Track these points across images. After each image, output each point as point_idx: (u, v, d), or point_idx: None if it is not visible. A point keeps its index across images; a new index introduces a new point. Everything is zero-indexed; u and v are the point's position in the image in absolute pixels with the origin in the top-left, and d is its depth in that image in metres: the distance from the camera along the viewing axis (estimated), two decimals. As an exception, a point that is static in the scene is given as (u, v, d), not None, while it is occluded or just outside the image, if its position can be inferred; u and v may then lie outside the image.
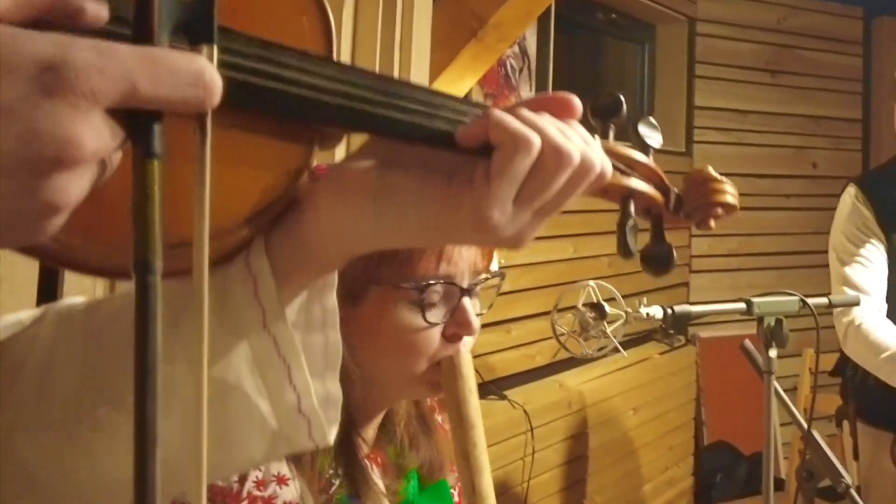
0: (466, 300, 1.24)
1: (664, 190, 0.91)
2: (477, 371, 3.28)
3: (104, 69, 0.50)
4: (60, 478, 0.75)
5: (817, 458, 2.24)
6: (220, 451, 0.71)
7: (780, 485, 4.31)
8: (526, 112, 0.71)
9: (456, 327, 1.24)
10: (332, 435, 0.80)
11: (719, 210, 0.96)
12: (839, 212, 3.18)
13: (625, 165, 0.85)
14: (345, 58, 2.28)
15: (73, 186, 0.52)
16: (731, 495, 4.53)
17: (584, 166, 0.72)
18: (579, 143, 0.72)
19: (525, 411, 3.44)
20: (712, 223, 0.97)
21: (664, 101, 5.15)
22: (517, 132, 0.69)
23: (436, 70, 2.72)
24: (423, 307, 1.20)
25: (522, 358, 3.68)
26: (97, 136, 0.51)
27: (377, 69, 2.31)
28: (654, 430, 4.50)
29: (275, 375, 0.75)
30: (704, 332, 5.10)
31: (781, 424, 4.99)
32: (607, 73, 5.13)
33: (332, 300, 0.79)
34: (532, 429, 3.46)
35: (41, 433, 0.74)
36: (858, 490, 2.78)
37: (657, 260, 0.91)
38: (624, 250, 0.86)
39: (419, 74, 2.52)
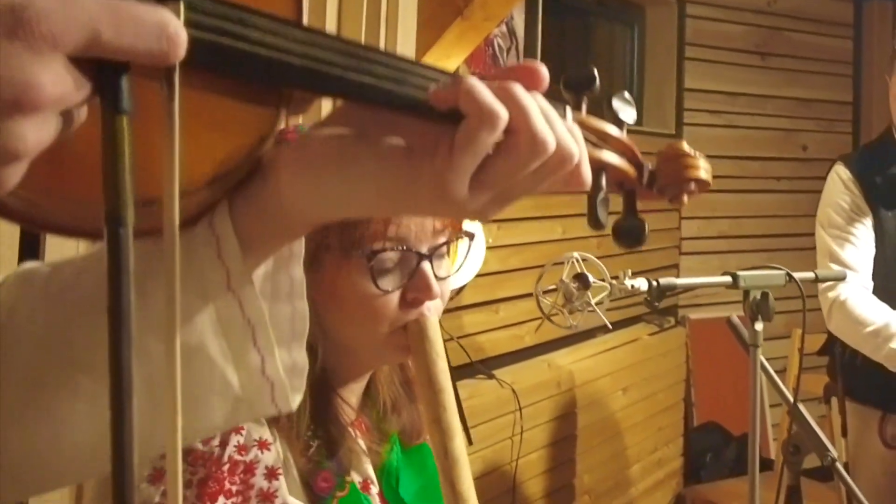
0: (426, 264, 1.23)
1: (637, 164, 0.90)
2: (465, 350, 3.30)
3: (66, 14, 0.50)
4: (21, 442, 0.73)
5: (803, 432, 2.23)
6: (182, 415, 0.69)
7: (768, 465, 4.31)
8: (509, 86, 0.68)
9: (416, 292, 1.23)
10: (295, 401, 0.79)
11: (692, 185, 0.95)
12: (826, 189, 3.17)
13: (597, 138, 0.84)
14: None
15: (31, 133, 0.51)
16: (720, 475, 4.53)
17: (560, 156, 0.69)
18: (561, 130, 0.69)
19: (513, 391, 3.43)
20: (685, 199, 0.96)
21: (653, 83, 5.13)
22: (486, 104, 0.66)
23: (422, 48, 2.71)
24: (373, 274, 1.19)
25: (511, 338, 3.66)
26: (58, 83, 0.50)
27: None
28: (643, 410, 4.50)
29: (239, 338, 0.74)
30: (694, 314, 5.09)
31: (771, 406, 5.00)
32: (596, 55, 5.10)
33: (299, 270, 0.78)
34: (520, 408, 3.45)
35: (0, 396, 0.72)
36: (847, 466, 2.78)
37: (628, 234, 0.91)
38: (594, 222, 0.84)
39: (405, 52, 2.50)
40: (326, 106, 1.38)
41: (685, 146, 0.95)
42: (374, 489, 1.31)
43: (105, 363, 0.69)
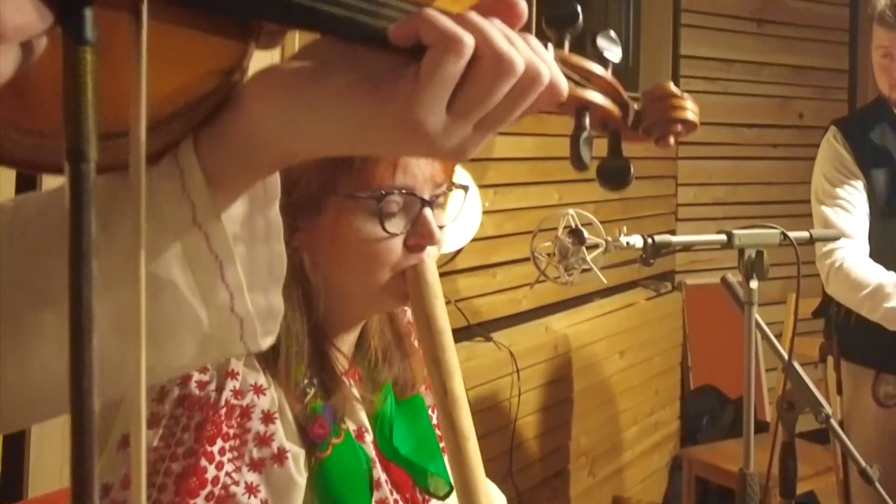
0: (427, 211, 1.23)
1: (622, 104, 0.89)
2: (462, 313, 3.29)
3: None
4: None
5: (798, 388, 2.23)
6: (151, 351, 0.65)
7: (764, 427, 4.33)
8: (468, 14, 0.66)
9: (418, 238, 1.23)
10: (265, 342, 0.78)
11: (679, 127, 0.94)
12: (820, 154, 3.17)
13: (580, 77, 0.82)
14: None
15: None
16: (717, 438, 4.54)
17: (529, 76, 0.68)
18: (525, 51, 0.68)
19: (511, 353, 3.43)
20: (671, 140, 0.95)
21: (650, 50, 5.10)
22: (447, 31, 0.64)
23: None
24: (381, 217, 1.20)
25: (508, 302, 3.66)
26: (19, 13, 0.49)
27: None
28: (640, 373, 4.52)
29: (206, 273, 0.72)
30: (690, 280, 5.10)
31: (767, 370, 5.01)
32: (593, 21, 5.07)
33: (276, 213, 0.77)
34: (518, 370, 3.45)
35: None
36: (841, 424, 2.79)
37: (613, 175, 0.89)
38: (577, 162, 0.83)
39: None
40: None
41: (672, 86, 0.94)
42: (369, 437, 1.32)
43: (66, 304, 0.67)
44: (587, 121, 0.83)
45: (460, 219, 2.66)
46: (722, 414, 4.79)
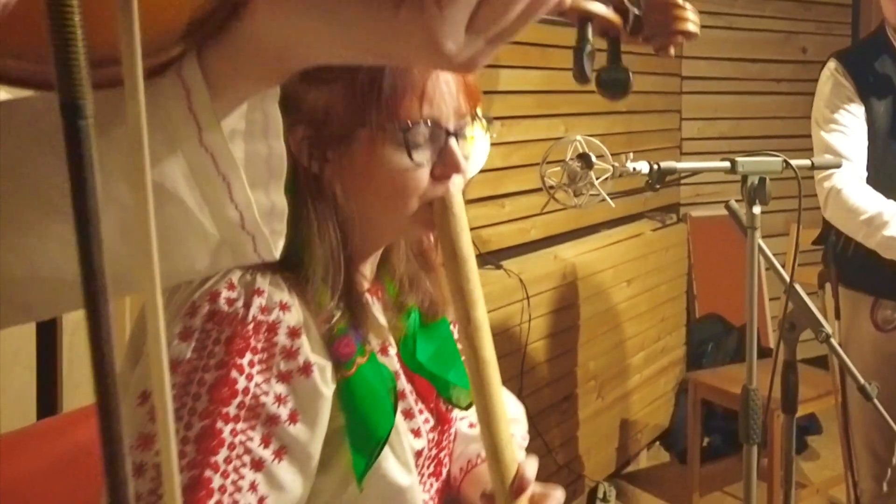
0: (453, 141, 1.24)
1: (623, 11, 0.88)
2: (473, 242, 3.30)
3: None
4: None
5: (799, 309, 2.25)
6: (160, 259, 0.63)
7: (767, 353, 4.36)
8: None
9: (444, 168, 1.24)
10: (278, 249, 0.78)
11: (679, 38, 0.94)
12: (820, 85, 3.17)
13: None
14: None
15: None
16: (721, 363, 4.57)
17: None
18: None
19: (521, 280, 3.45)
20: (671, 50, 0.95)
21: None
22: None
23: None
24: (408, 147, 1.20)
25: (517, 232, 3.67)
26: None
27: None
28: (647, 301, 4.54)
29: (214, 192, 0.71)
30: (695, 212, 5.10)
31: (770, 299, 5.04)
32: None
33: (275, 108, 0.75)
34: (528, 297, 3.47)
35: None
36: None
37: (613, 84, 0.90)
38: (580, 75, 0.83)
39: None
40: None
41: None
42: (393, 351, 1.34)
43: (67, 207, 0.67)
44: (589, 32, 0.83)
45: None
46: (726, 340, 4.82)
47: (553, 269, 3.80)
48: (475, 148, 2.44)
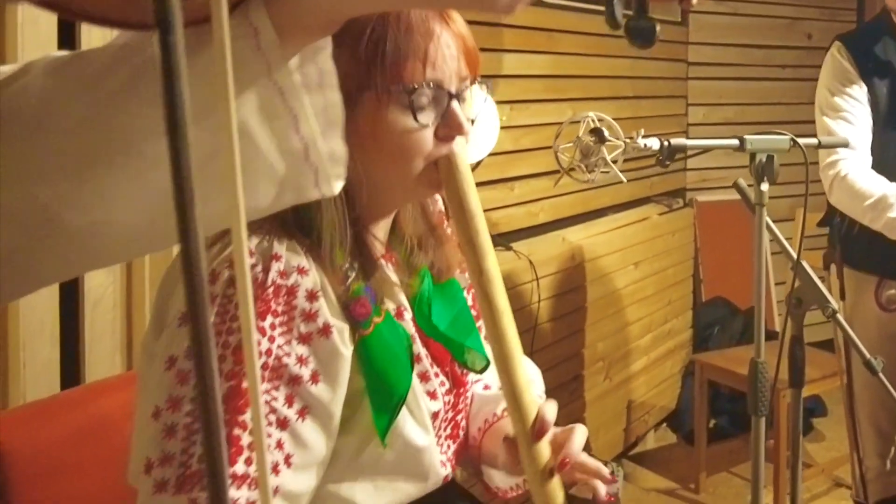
0: (455, 103, 1.26)
1: None
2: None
3: None
4: (80, 219, 0.75)
5: (806, 285, 2.27)
6: (229, 197, 0.71)
7: (773, 336, 4.38)
8: None
9: (447, 128, 1.26)
10: (336, 186, 0.82)
11: None
12: (824, 69, 3.18)
13: None
14: None
15: None
16: (727, 346, 4.60)
17: None
18: None
19: (530, 261, 3.47)
20: (695, 0, 0.98)
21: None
22: None
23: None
24: (413, 109, 1.23)
25: (525, 214, 3.69)
26: None
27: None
28: (654, 284, 4.56)
29: (281, 125, 0.76)
30: (701, 197, 5.12)
31: (776, 284, 5.06)
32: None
33: (328, 61, 0.79)
34: (538, 278, 3.49)
35: (57, 178, 0.74)
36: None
37: (640, 32, 0.93)
38: (611, 21, 0.86)
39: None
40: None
41: None
42: (408, 315, 1.36)
43: (149, 149, 0.71)
44: None
45: (479, 131, 2.68)
46: (732, 323, 4.84)
47: (561, 250, 3.82)
48: (484, 122, 2.46)
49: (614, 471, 3.95)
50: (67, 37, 1.87)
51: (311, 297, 1.21)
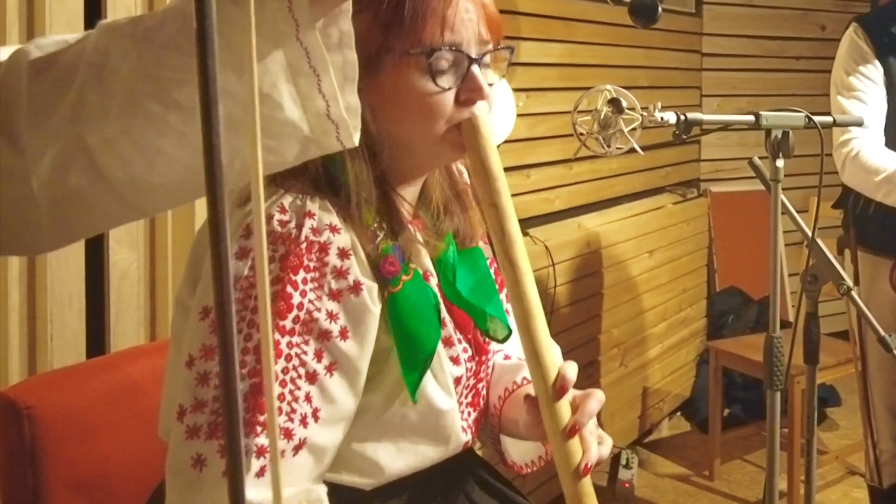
0: (475, 67, 1.28)
1: None
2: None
3: None
4: (119, 168, 0.81)
5: (821, 262, 2.28)
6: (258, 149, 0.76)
7: (787, 325, 4.39)
8: None
9: (468, 92, 1.28)
10: (356, 138, 0.87)
11: None
12: (840, 49, 3.19)
13: None
14: None
15: None
16: (741, 335, 4.60)
17: None
18: None
19: (546, 247, 3.49)
20: None
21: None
22: None
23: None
24: (432, 73, 1.25)
25: (542, 201, 3.71)
26: None
27: None
28: (667, 272, 4.58)
29: (306, 83, 0.80)
30: (716, 188, 5.13)
31: (790, 274, 5.06)
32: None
33: (348, 23, 0.85)
34: (553, 264, 3.51)
35: (103, 123, 0.79)
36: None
37: (644, 10, 0.95)
38: None
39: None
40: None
41: None
42: (434, 280, 1.39)
43: (190, 102, 0.76)
44: None
45: (497, 117, 2.69)
46: (746, 312, 4.84)
47: (577, 237, 3.84)
48: (501, 109, 2.48)
49: (629, 458, 3.98)
50: (94, 11, 1.90)
51: (343, 254, 1.23)
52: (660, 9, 0.94)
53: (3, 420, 1.52)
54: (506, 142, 3.07)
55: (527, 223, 3.57)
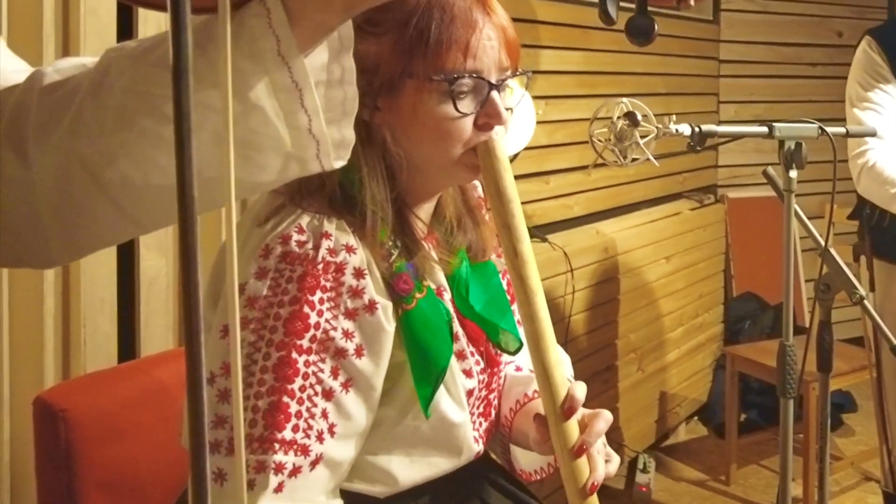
0: (495, 93, 1.31)
1: None
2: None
3: None
4: (117, 178, 0.84)
5: (834, 271, 2.30)
6: (241, 165, 0.81)
7: (802, 331, 4.40)
8: None
9: (486, 117, 1.31)
10: (337, 163, 0.89)
11: None
12: (854, 63, 3.21)
13: None
14: None
15: None
16: (758, 340, 4.62)
17: None
18: None
19: (565, 253, 3.52)
20: (692, 1, 1.02)
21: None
22: None
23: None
24: (453, 98, 1.28)
25: (560, 207, 3.74)
26: None
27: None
28: (684, 278, 4.60)
29: (288, 99, 0.83)
30: (732, 193, 5.15)
31: (806, 280, 5.08)
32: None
33: (350, 61, 0.88)
34: (572, 269, 3.54)
35: (98, 137, 0.83)
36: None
37: (639, 30, 0.98)
38: (605, 16, 0.92)
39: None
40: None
41: None
42: (447, 296, 1.41)
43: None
44: None
45: (516, 125, 2.73)
46: (762, 317, 4.85)
47: (595, 243, 3.87)
48: (520, 116, 2.51)
49: (646, 463, 4.00)
50: (126, 26, 1.96)
51: (359, 274, 1.26)
52: (656, 28, 0.96)
53: (39, 422, 1.57)
54: (525, 149, 3.10)
55: (545, 229, 3.60)
